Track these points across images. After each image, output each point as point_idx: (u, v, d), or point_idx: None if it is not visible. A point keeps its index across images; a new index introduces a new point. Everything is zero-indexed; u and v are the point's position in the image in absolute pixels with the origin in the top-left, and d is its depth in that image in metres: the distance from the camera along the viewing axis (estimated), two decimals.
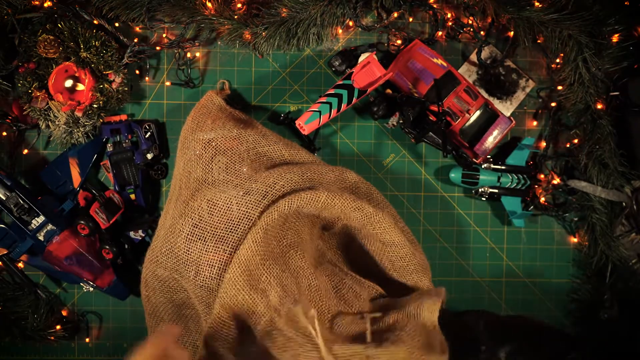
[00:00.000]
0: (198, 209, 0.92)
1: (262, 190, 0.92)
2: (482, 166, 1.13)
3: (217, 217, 0.91)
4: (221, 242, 0.89)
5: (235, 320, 0.86)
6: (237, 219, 0.90)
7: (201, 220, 0.91)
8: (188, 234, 0.91)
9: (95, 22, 1.07)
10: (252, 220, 0.90)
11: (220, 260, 0.88)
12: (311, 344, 0.81)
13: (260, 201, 0.91)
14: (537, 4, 1.07)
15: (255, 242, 0.86)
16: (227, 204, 0.91)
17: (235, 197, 0.91)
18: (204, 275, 0.89)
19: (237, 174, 0.96)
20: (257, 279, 0.86)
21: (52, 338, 1.12)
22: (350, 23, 1.12)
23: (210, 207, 0.91)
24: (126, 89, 1.10)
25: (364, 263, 1.03)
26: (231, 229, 0.90)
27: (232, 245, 0.89)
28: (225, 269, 0.88)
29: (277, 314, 0.84)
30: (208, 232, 0.90)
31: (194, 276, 0.90)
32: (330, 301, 0.94)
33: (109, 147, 1.12)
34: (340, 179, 1.01)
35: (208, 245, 0.89)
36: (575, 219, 1.18)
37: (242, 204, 0.91)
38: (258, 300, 0.84)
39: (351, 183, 1.02)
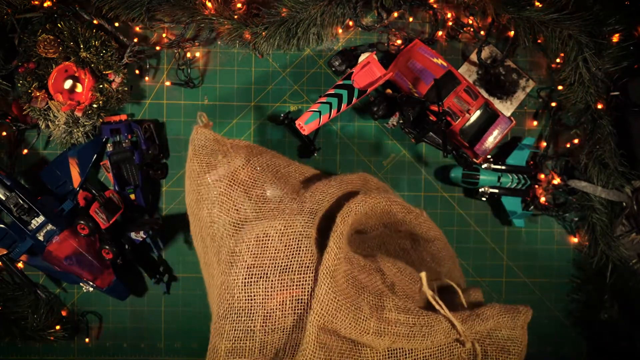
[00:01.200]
0: (247, 250, 0.84)
1: (313, 209, 0.88)
2: (482, 166, 1.13)
3: (273, 248, 0.83)
4: (286, 271, 0.82)
5: (339, 340, 0.80)
6: (296, 242, 0.83)
7: (256, 258, 0.84)
8: (245, 279, 0.83)
9: (95, 22, 1.07)
10: (310, 237, 0.84)
11: (290, 294, 0.81)
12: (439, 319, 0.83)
13: (312, 219, 0.86)
14: (537, 3, 1.07)
15: (340, 247, 0.81)
16: (280, 231, 0.84)
17: (287, 220, 0.85)
18: (276, 315, 0.81)
19: (275, 201, 0.90)
20: (348, 285, 0.81)
21: (52, 338, 1.12)
22: (350, 23, 1.12)
23: (262, 242, 0.84)
24: (126, 89, 1.10)
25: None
26: (292, 254, 0.83)
27: (298, 271, 0.82)
28: (298, 302, 0.81)
29: (385, 308, 0.81)
30: (268, 267, 0.83)
31: (261, 324, 0.82)
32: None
33: (109, 147, 1.12)
34: (364, 181, 1.00)
35: (272, 281, 0.82)
36: (575, 219, 1.18)
37: (296, 226, 0.85)
38: (362, 303, 0.79)
39: (373, 185, 1.02)
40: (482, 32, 1.14)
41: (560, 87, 1.14)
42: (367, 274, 0.87)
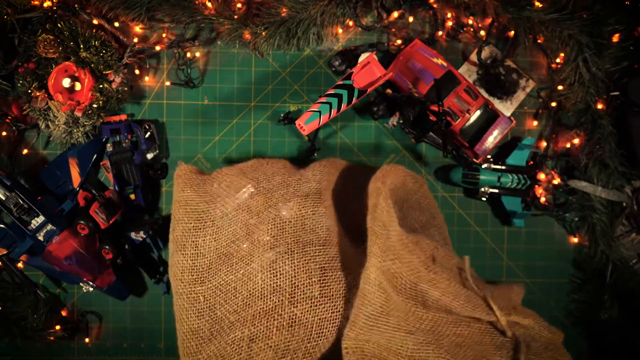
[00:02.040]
0: (267, 232, 0.94)
1: (318, 188, 0.98)
2: (483, 166, 1.13)
3: (291, 227, 0.94)
4: (309, 244, 0.91)
5: (397, 293, 0.86)
6: (311, 220, 0.95)
7: (277, 239, 0.93)
8: (270, 262, 0.91)
9: (95, 21, 1.07)
10: (323, 215, 0.94)
11: (315, 264, 0.90)
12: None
13: (319, 198, 0.96)
14: (537, 3, 1.07)
15: (388, 204, 0.87)
16: (295, 212, 0.95)
17: (299, 202, 0.95)
18: (303, 284, 0.89)
19: (282, 186, 0.99)
20: (401, 246, 0.87)
21: (52, 338, 1.12)
22: (350, 23, 1.12)
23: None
24: (126, 88, 1.10)
25: None
26: (311, 230, 0.94)
27: (317, 243, 0.91)
28: (321, 271, 0.89)
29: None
30: (290, 244, 0.93)
31: (289, 298, 0.89)
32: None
33: (109, 147, 1.12)
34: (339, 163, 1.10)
35: (296, 253, 0.91)
36: (576, 219, 1.18)
37: (308, 206, 0.95)
38: (414, 260, 0.85)
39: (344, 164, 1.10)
40: (482, 32, 1.14)
41: (560, 87, 1.14)
42: (407, 250, 0.90)
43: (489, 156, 1.14)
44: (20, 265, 1.11)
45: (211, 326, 0.91)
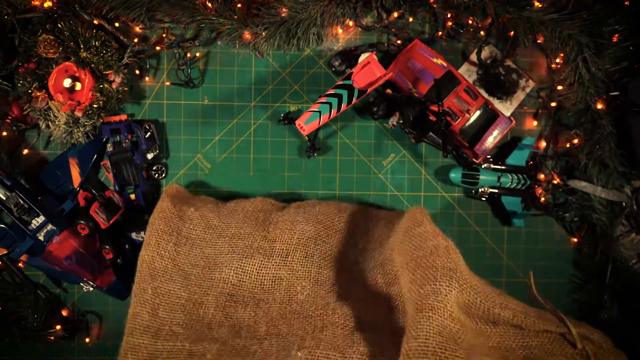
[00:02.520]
0: (225, 281, 1.00)
1: (284, 249, 1.03)
2: (482, 166, 1.13)
3: (250, 284, 1.01)
4: (262, 302, 1.00)
5: (469, 319, 0.87)
6: (270, 282, 1.01)
7: (235, 287, 1.01)
8: (219, 302, 0.98)
9: (95, 22, 1.07)
10: (282, 279, 1.00)
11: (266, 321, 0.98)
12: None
13: (284, 260, 1.02)
14: (537, 4, 1.07)
15: (451, 242, 0.90)
16: (257, 269, 1.01)
17: (262, 261, 1.02)
18: (249, 325, 0.99)
19: (247, 238, 1.05)
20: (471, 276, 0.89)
21: (52, 338, 1.12)
22: (350, 23, 1.12)
23: (240, 276, 1.01)
24: (126, 89, 1.10)
25: None
26: (267, 290, 1.01)
27: (273, 302, 1.00)
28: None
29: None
30: (247, 297, 1.01)
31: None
32: None
33: (109, 147, 1.12)
34: (337, 207, 1.10)
35: (249, 306, 1.00)
36: (575, 219, 1.18)
37: (269, 268, 1.01)
38: (488, 289, 0.87)
39: (344, 208, 1.11)
40: (482, 32, 1.14)
41: (560, 87, 1.14)
42: (477, 280, 0.92)
43: (488, 156, 1.14)
44: (20, 265, 1.12)
45: (151, 319, 0.96)
